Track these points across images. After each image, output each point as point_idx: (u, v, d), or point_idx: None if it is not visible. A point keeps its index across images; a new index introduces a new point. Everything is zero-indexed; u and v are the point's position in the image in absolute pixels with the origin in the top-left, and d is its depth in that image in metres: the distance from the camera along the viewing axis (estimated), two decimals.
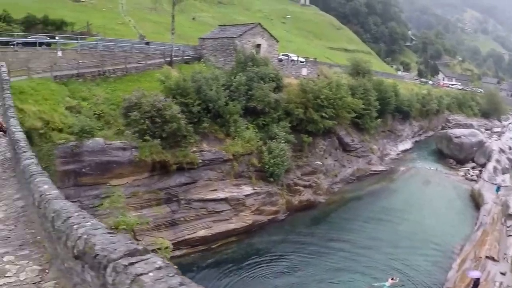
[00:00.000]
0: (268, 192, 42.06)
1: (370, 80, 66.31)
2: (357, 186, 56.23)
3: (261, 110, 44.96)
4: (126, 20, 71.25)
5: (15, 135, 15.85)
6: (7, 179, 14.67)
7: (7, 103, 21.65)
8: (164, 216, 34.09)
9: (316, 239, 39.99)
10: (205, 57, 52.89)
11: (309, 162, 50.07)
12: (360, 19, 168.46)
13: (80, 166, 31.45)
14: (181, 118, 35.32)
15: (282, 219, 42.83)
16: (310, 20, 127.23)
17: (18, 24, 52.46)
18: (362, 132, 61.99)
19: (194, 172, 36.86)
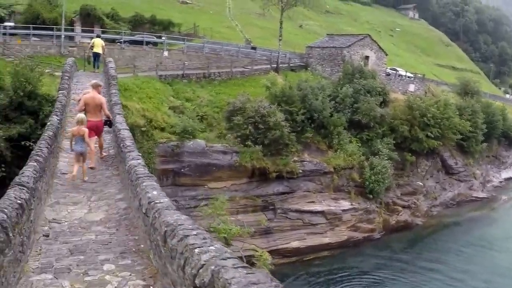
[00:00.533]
0: (366, 209, 39.54)
1: (479, 102, 61.33)
2: (456, 211, 52.01)
3: (366, 124, 42.45)
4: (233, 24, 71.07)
5: (121, 133, 14.97)
6: (109, 177, 13.94)
7: (113, 99, 20.82)
8: (259, 223, 32.59)
9: (410, 262, 37.11)
10: (312, 65, 51.09)
11: (410, 182, 46.83)
12: (470, 37, 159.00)
13: (179, 166, 30.90)
14: (285, 126, 33.84)
15: (377, 238, 40.17)
16: (419, 35, 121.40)
17: (126, 22, 53.32)
18: (466, 156, 57.39)
19: (293, 182, 35.21)
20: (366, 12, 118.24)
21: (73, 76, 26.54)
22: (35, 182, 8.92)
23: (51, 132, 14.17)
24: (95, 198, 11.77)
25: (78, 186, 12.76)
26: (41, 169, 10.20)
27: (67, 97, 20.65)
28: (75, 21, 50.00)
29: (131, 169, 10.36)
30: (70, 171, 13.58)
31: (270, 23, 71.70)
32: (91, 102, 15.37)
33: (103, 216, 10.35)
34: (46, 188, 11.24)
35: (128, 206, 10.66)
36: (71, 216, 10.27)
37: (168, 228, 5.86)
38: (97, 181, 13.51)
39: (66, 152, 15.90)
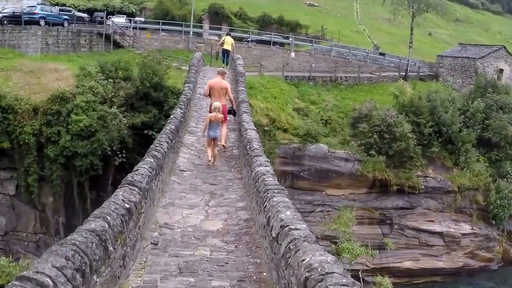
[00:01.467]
0: (487, 235, 35.78)
1: None
2: None
3: (496, 143, 38.35)
4: (360, 28, 68.45)
5: (247, 133, 13.47)
6: (231, 180, 12.75)
7: (240, 96, 19.66)
8: (373, 237, 30.45)
9: None
10: (442, 76, 47.57)
11: None
12: None
13: (299, 169, 29.73)
14: (411, 138, 31.19)
15: (494, 269, 36.21)
16: None
17: (253, 22, 52.93)
18: None
19: (413, 197, 32.54)
20: (498, 22, 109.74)
21: (200, 70, 26.00)
22: (149, 181, 8.09)
23: (173, 125, 13.56)
24: (214, 203, 10.73)
25: (196, 188, 11.76)
26: (158, 165, 9.38)
27: (193, 91, 19.85)
28: (203, 19, 50.77)
29: (259, 177, 8.91)
30: (189, 169, 13.35)
31: (398, 30, 68.51)
32: (216, 86, 15.55)
33: (221, 226, 9.23)
34: (161, 187, 10.35)
35: (250, 218, 9.40)
36: (186, 222, 9.27)
37: (311, 274, 4.06)
38: (217, 183, 12.38)
39: (188, 147, 15.30)
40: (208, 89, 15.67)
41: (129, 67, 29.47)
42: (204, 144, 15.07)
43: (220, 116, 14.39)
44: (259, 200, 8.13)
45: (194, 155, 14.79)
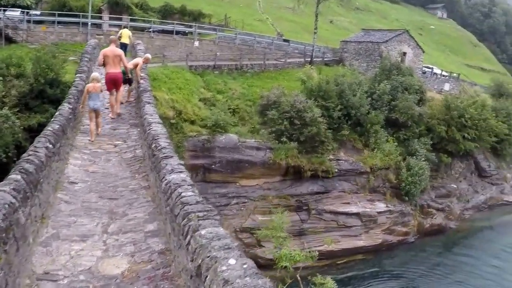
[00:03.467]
0: (401, 211, 35.85)
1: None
2: (488, 215, 48.04)
3: (403, 123, 38.57)
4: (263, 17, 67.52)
5: (152, 128, 11.28)
6: (136, 191, 9.77)
7: (142, 85, 17.45)
8: (292, 224, 29.25)
9: (444, 267, 34.06)
10: (346, 60, 47.42)
11: (444, 184, 42.95)
12: (497, 38, 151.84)
13: (210, 162, 27.74)
14: (322, 123, 30.26)
15: (411, 241, 36.50)
16: (448, 35, 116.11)
17: (155, 12, 50.59)
18: (499, 158, 53.14)
19: (328, 182, 31.65)
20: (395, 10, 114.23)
21: (96, 59, 23.18)
22: (11, 214, 5.34)
23: (57, 125, 10.69)
24: (114, 227, 7.81)
25: (91, 207, 8.69)
26: (29, 184, 6.55)
27: (86, 82, 16.68)
28: (102, 10, 47.55)
29: (172, 190, 6.70)
30: (82, 179, 10.26)
31: (301, 18, 68.55)
32: (110, 54, 15.19)
33: (127, 266, 6.46)
34: (39, 213, 7.38)
35: (166, 249, 6.89)
36: (76, 265, 6.44)
37: None
38: (118, 196, 9.46)
39: (80, 151, 12.24)
40: (103, 58, 15.28)
41: (22, 63, 26.20)
42: (101, 145, 12.95)
43: (98, 86, 13.67)
44: (177, 228, 5.94)
45: (88, 160, 11.68)
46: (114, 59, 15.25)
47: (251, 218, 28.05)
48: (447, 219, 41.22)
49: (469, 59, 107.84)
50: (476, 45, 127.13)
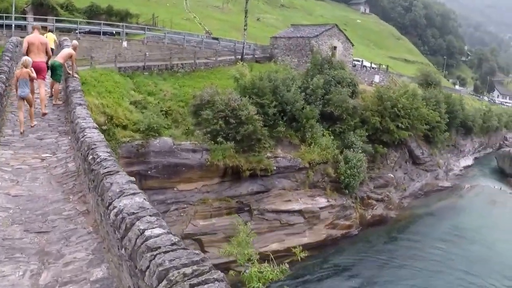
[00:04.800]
0: (343, 205, 34.98)
1: (441, 92, 58.18)
2: (425, 201, 48.74)
3: (338, 116, 37.77)
4: (191, 16, 65.43)
5: (86, 134, 8.99)
6: (72, 220, 7.26)
7: (71, 84, 14.94)
8: (235, 226, 27.46)
9: (389, 256, 33.69)
10: (277, 56, 46.17)
11: (381, 174, 42.62)
12: (419, 31, 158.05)
13: (145, 168, 25.29)
14: (257, 120, 28.66)
15: (355, 234, 35.81)
16: (371, 29, 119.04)
17: (81, 13, 47.48)
18: (431, 146, 53.85)
19: (267, 180, 30.05)
20: (319, 6, 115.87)
21: (17, 58, 19.71)
22: None
23: None
24: (48, 276, 5.44)
25: (14, 246, 6.14)
26: None
27: (6, 84, 14.16)
28: (27, 11, 43.97)
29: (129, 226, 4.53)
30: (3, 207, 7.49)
31: (228, 16, 67.36)
32: (36, 41, 14.11)
33: None
34: None
35: None
36: None
37: None
38: (49, 228, 6.89)
39: None
40: (27, 46, 13.99)
41: None
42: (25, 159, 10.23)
43: (25, 71, 12.25)
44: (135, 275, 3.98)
45: (9, 180, 8.84)
46: (39, 47, 14.03)
47: (192, 224, 26.05)
48: (387, 209, 40.90)
49: (392, 51, 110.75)
50: (399, 38, 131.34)
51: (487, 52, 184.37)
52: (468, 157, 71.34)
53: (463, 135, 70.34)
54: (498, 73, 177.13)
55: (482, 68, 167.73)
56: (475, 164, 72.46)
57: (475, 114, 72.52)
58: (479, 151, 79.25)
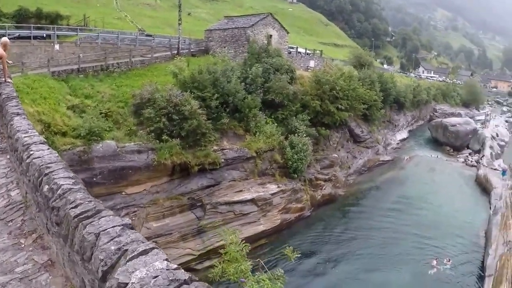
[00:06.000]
0: (293, 189, 34.51)
1: (374, 72, 59.12)
2: (369, 176, 49.68)
3: (279, 103, 37.27)
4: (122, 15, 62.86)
5: (32, 153, 6.64)
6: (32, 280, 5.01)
7: (4, 91, 12.46)
8: (189, 224, 26.33)
9: (344, 231, 34.19)
10: (213, 49, 44.94)
11: (326, 155, 42.56)
12: (345, 16, 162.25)
13: (90, 175, 23.18)
14: (201, 114, 27.51)
15: (308, 215, 35.65)
16: (300, 17, 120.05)
17: (9, 18, 44.35)
18: (369, 123, 54.70)
19: (216, 173, 28.93)
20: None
21: None
22: None
23: None
24: None
25: None
26: None
27: None
28: None
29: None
30: None
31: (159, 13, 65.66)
32: None
33: None
34: None
35: None
36: None
37: None
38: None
39: None
40: None
41: None
42: None
43: None
44: None
45: None
46: None
47: (145, 227, 24.50)
48: (335, 187, 40.99)
49: (322, 37, 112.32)
50: (327, 24, 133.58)
51: (410, 32, 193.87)
52: (403, 131, 73.22)
53: (397, 111, 72.12)
54: (421, 51, 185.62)
55: (406, 47, 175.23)
56: (410, 137, 74.69)
57: (406, 90, 74.57)
58: (412, 124, 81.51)
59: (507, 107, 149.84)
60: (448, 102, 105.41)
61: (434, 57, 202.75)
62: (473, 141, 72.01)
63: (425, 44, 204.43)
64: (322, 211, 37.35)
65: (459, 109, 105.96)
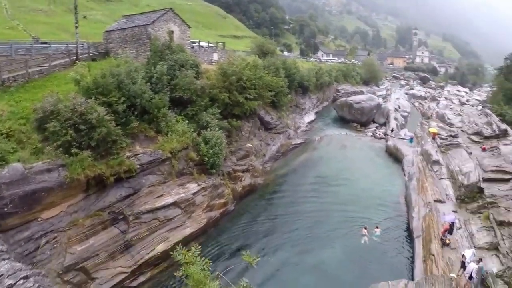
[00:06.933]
0: (213, 185, 34.24)
1: (278, 59, 60.43)
2: (285, 161, 51.03)
3: (188, 100, 36.72)
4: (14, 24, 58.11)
5: None
6: None
7: None
8: (115, 240, 24.94)
9: (271, 217, 34.86)
10: (114, 50, 43.03)
11: (240, 146, 42.83)
12: (242, 8, 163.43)
13: (0, 206, 20.46)
14: (109, 121, 26.12)
15: (232, 209, 35.67)
16: (198, 12, 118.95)
17: None
18: (278, 109, 55.82)
19: (133, 181, 27.59)
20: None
21: None
22: None
23: None
24: None
25: None
26: None
27: None
28: None
29: None
30: None
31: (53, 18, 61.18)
32: None
33: None
34: None
35: None
36: None
37: None
38: None
39: None
40: None
41: None
42: None
43: None
44: None
45: None
46: None
47: (69, 253, 22.42)
48: (254, 177, 41.35)
49: (221, 30, 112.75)
50: (225, 16, 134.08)
51: (306, 18, 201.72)
52: (310, 113, 75.59)
53: (302, 95, 74.37)
54: (318, 35, 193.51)
55: (304, 33, 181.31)
56: (318, 118, 77.37)
57: (309, 74, 77.17)
58: (318, 106, 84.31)
59: (404, 80, 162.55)
60: (349, 81, 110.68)
61: (331, 40, 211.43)
62: (378, 115, 76.86)
63: (322, 29, 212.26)
64: (245, 203, 37.60)
65: (360, 87, 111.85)
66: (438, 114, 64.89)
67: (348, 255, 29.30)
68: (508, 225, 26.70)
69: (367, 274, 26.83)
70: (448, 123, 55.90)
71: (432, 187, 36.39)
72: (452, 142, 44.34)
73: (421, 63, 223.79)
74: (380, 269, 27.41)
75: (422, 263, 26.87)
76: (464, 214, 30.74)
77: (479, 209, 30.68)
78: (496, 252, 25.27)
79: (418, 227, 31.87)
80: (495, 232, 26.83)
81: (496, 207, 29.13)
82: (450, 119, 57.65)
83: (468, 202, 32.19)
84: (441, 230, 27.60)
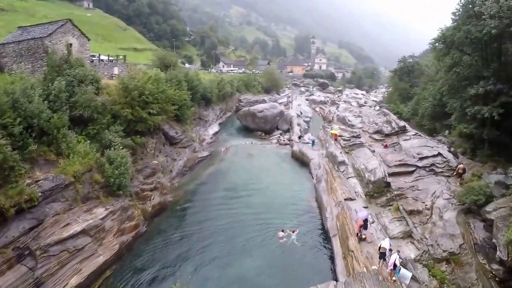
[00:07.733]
0: (122, 207, 32.49)
1: (180, 72, 59.90)
2: (193, 175, 50.57)
3: (89, 118, 34.85)
4: None
5: None
6: None
7: None
8: (23, 279, 22.59)
9: (186, 237, 33.73)
10: (7, 66, 39.67)
11: (146, 163, 41.40)
12: (143, 20, 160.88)
13: None
14: (5, 145, 23.92)
15: (144, 230, 34.08)
16: (97, 23, 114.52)
17: None
18: (182, 123, 55.16)
19: (36, 211, 25.27)
20: (42, 7, 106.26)
21: None
22: None
23: None
24: None
25: None
26: None
27: None
28: None
29: None
30: None
31: None
32: None
33: None
34: None
35: None
36: None
37: None
38: None
39: None
40: None
41: None
42: None
43: None
44: None
45: None
46: None
47: None
48: (163, 194, 40.25)
49: (121, 43, 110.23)
50: (125, 29, 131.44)
51: (207, 30, 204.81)
52: (214, 125, 75.98)
53: (205, 106, 74.61)
54: (219, 46, 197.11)
55: (205, 44, 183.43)
56: (222, 129, 78.19)
57: (211, 85, 77.68)
58: (221, 117, 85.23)
59: (304, 87, 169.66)
60: (251, 91, 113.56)
61: (232, 51, 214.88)
62: (281, 122, 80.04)
63: (223, 40, 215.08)
64: (157, 222, 36.30)
65: (262, 96, 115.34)
66: (339, 117, 68.50)
67: (268, 261, 29.57)
68: (417, 213, 29.71)
69: (291, 278, 27.46)
70: (349, 124, 59.52)
71: (341, 187, 38.06)
72: (355, 142, 47.46)
73: (320, 70, 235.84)
74: (302, 272, 28.19)
75: (343, 260, 28.22)
76: (375, 209, 32.87)
77: (388, 202, 33.16)
78: (411, 239, 27.67)
79: (333, 226, 33.22)
80: (407, 221, 29.43)
81: (404, 198, 31.94)
82: (351, 121, 61.40)
83: (377, 197, 34.54)
84: (356, 227, 29.06)
